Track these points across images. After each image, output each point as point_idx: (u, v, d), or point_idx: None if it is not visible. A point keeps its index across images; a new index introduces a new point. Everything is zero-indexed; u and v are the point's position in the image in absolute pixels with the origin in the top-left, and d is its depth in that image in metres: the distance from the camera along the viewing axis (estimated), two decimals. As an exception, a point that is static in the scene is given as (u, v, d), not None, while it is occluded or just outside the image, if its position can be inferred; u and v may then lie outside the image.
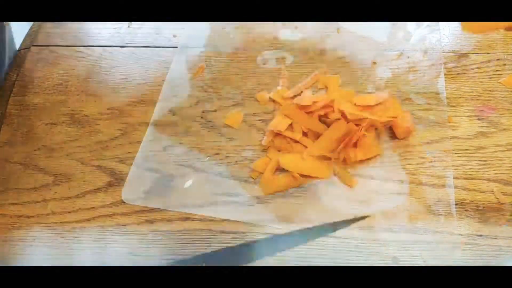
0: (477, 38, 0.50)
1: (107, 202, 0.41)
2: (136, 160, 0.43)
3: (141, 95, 0.48)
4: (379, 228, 0.38)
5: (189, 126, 0.45)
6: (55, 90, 0.49)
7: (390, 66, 0.48)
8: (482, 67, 0.48)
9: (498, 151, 0.42)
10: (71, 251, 0.39)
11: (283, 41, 0.51)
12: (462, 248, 0.37)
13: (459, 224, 0.38)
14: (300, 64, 0.49)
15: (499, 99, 0.45)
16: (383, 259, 0.37)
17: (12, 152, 0.45)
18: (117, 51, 0.52)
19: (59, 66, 0.51)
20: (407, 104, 0.45)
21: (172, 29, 0.53)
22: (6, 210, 0.42)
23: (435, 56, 0.49)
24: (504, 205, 0.39)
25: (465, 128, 0.43)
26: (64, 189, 0.42)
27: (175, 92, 0.48)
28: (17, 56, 0.53)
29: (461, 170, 0.41)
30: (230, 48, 0.51)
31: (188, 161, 0.43)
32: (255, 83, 0.48)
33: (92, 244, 0.39)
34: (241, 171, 0.42)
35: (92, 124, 0.46)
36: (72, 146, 0.45)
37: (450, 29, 0.51)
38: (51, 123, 0.47)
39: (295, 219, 0.39)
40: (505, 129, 0.43)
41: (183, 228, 0.40)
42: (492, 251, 0.37)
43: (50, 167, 0.44)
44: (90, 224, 0.40)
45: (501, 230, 0.38)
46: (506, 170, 0.41)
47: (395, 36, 0.51)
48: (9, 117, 0.48)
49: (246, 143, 0.44)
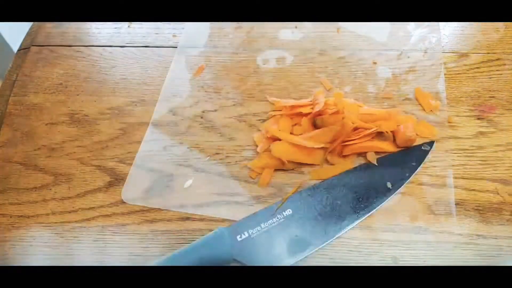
0: (477, 38, 0.50)
1: (107, 202, 0.41)
2: (136, 160, 0.43)
3: (141, 95, 0.48)
4: (379, 228, 0.38)
5: (189, 126, 0.45)
6: (55, 90, 0.49)
7: (390, 66, 0.48)
8: (482, 67, 0.48)
9: (498, 151, 0.42)
10: (71, 251, 0.39)
11: (283, 41, 0.51)
12: (462, 248, 0.37)
13: (459, 224, 0.38)
14: (300, 64, 0.49)
15: (499, 99, 0.45)
16: (383, 259, 0.37)
17: (12, 152, 0.45)
18: (117, 51, 0.52)
19: (59, 66, 0.51)
20: (407, 104, 0.45)
21: (172, 29, 0.53)
22: (6, 210, 0.42)
23: (435, 56, 0.49)
24: (505, 204, 0.39)
25: (465, 128, 0.43)
26: (64, 189, 0.42)
27: (175, 92, 0.48)
28: (17, 56, 0.53)
29: (461, 170, 0.41)
30: (230, 48, 0.51)
31: (188, 161, 0.43)
32: (255, 83, 0.48)
33: (92, 244, 0.39)
34: (241, 171, 0.42)
35: (92, 124, 0.46)
36: (72, 146, 0.45)
37: (450, 29, 0.51)
38: (51, 123, 0.47)
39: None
40: (505, 129, 0.43)
41: (183, 228, 0.40)
42: (492, 251, 0.37)
43: (50, 167, 0.44)
44: (90, 224, 0.40)
45: (501, 230, 0.38)
46: (506, 170, 0.41)
47: (395, 36, 0.51)
48: (9, 117, 0.48)
49: (246, 143, 0.44)
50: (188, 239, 0.39)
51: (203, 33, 0.53)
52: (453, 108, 0.45)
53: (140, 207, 0.41)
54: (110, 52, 0.52)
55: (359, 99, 0.46)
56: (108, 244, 0.39)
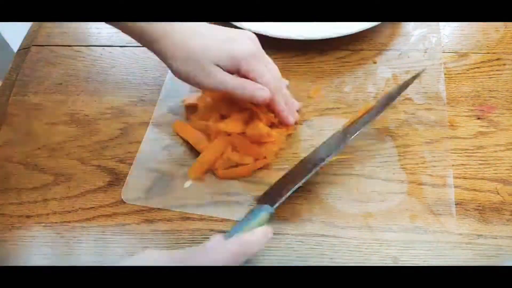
0: (477, 38, 0.50)
1: (107, 202, 0.41)
2: (136, 160, 0.43)
3: (141, 95, 0.48)
4: (379, 228, 0.38)
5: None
6: (55, 90, 0.49)
7: (390, 66, 0.48)
8: (482, 67, 0.48)
9: (498, 150, 0.42)
10: (71, 251, 0.39)
11: (283, 41, 0.51)
12: (462, 248, 0.37)
13: (459, 224, 0.38)
14: (299, 64, 0.49)
15: (499, 99, 0.45)
16: (383, 259, 0.37)
17: (12, 152, 0.45)
18: (117, 51, 0.52)
19: (59, 66, 0.51)
20: (407, 104, 0.45)
21: (172, 29, 0.53)
22: (6, 210, 0.41)
23: (435, 56, 0.49)
24: (505, 204, 0.39)
25: (465, 128, 0.43)
26: (64, 189, 0.42)
27: (175, 92, 0.48)
28: (17, 56, 0.53)
29: (461, 170, 0.41)
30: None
31: (188, 161, 0.43)
32: (255, 83, 0.48)
33: (92, 244, 0.39)
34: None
35: (92, 124, 0.46)
36: (72, 146, 0.45)
37: (450, 29, 0.51)
38: (51, 123, 0.47)
39: (295, 219, 0.39)
40: (505, 129, 0.43)
41: (183, 228, 0.40)
42: (492, 251, 0.37)
43: (50, 167, 0.44)
44: (90, 224, 0.40)
45: (501, 230, 0.38)
46: (506, 170, 0.41)
47: (395, 36, 0.51)
48: (9, 117, 0.48)
49: (246, 143, 0.44)
50: (188, 239, 0.39)
51: (203, 33, 0.52)
52: (453, 108, 0.45)
53: (140, 207, 0.41)
54: (110, 52, 0.52)
55: (359, 99, 0.46)
56: (108, 244, 0.39)
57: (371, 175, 0.41)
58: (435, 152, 0.42)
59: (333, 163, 0.41)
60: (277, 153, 0.43)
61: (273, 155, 0.42)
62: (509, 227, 0.38)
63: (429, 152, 0.42)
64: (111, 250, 0.39)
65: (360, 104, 0.46)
